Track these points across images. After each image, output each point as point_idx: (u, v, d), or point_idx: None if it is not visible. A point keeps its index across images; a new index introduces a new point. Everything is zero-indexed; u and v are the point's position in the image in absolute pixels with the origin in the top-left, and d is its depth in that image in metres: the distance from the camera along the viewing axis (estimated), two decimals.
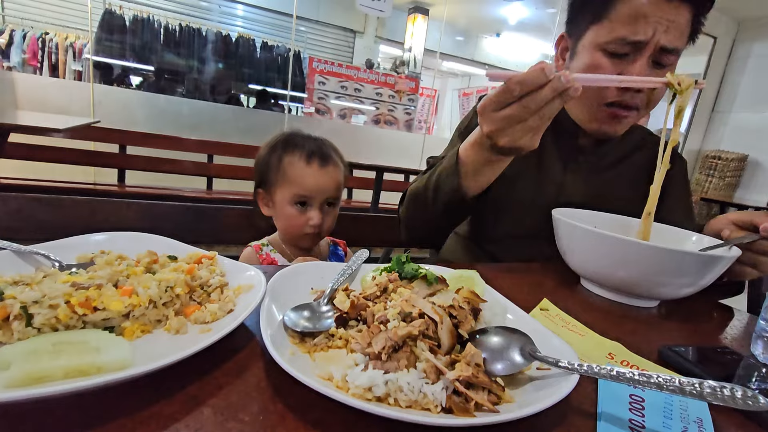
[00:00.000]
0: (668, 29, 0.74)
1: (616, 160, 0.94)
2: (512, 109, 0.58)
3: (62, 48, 5.18)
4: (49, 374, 0.30)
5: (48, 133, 2.19)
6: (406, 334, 0.36)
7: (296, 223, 0.90)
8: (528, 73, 0.56)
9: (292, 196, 0.89)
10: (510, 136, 0.61)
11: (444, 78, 9.92)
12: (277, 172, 0.90)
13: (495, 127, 0.61)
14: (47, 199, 0.87)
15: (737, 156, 5.45)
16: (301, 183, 0.88)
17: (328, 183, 0.90)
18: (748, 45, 5.54)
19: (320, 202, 0.90)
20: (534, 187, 0.92)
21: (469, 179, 0.74)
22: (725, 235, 0.70)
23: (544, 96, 0.56)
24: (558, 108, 0.59)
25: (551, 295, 0.65)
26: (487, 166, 0.72)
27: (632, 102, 0.80)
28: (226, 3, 6.07)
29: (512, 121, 0.59)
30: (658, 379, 0.33)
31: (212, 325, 0.41)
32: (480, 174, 0.74)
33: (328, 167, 0.91)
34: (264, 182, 0.93)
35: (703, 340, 0.61)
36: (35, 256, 0.47)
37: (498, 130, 0.61)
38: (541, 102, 0.57)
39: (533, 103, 0.57)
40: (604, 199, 0.90)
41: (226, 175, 3.11)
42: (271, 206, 0.94)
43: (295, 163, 0.89)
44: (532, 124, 0.59)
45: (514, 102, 0.58)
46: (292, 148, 0.91)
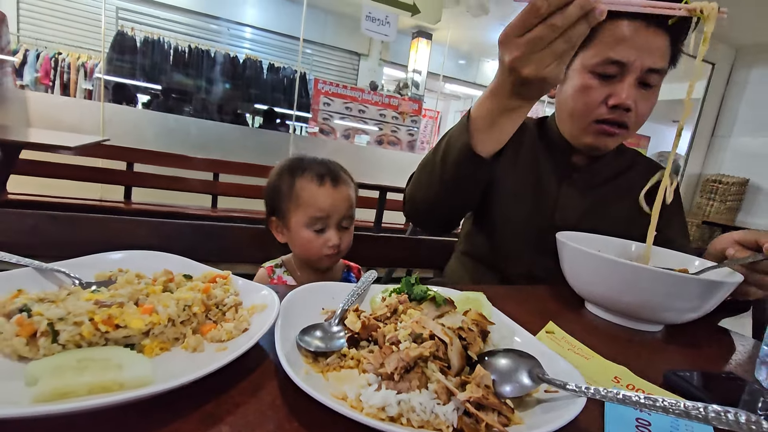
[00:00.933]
0: (650, 52, 0.81)
1: (609, 177, 0.98)
2: (539, 30, 0.54)
3: (74, 68, 5.31)
4: (74, 390, 0.31)
5: (59, 151, 2.23)
6: (418, 355, 0.37)
7: (314, 246, 0.89)
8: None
9: (308, 219, 0.88)
10: (536, 63, 0.57)
11: (446, 100, 10.08)
12: (289, 199, 0.90)
13: (520, 52, 0.56)
14: (61, 216, 0.89)
15: (738, 180, 5.47)
16: (315, 204, 0.88)
17: (342, 202, 0.91)
18: (745, 72, 5.64)
19: (336, 222, 0.90)
20: (531, 203, 0.95)
21: (482, 134, 0.71)
22: (730, 255, 0.71)
23: (571, 13, 0.53)
24: (584, 33, 0.55)
25: (556, 317, 0.65)
26: (504, 116, 0.68)
27: (621, 119, 0.84)
28: (235, 26, 6.25)
29: (539, 44, 0.55)
30: (663, 403, 0.33)
31: (228, 343, 0.42)
32: (495, 126, 0.70)
33: (340, 186, 0.91)
34: (276, 210, 0.92)
35: (708, 365, 0.61)
36: (55, 274, 0.49)
37: (523, 57, 0.57)
38: (569, 20, 0.53)
39: (561, 20, 0.53)
40: (599, 215, 0.94)
41: (231, 193, 3.15)
42: (285, 233, 0.93)
43: (306, 186, 0.89)
44: (558, 48, 0.55)
45: (540, 23, 0.54)
46: (301, 171, 0.90)
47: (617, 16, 0.81)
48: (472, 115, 0.72)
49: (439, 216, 0.89)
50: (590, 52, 0.84)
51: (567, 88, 0.90)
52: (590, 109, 0.85)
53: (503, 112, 0.67)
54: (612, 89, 0.83)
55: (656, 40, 0.81)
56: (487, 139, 0.71)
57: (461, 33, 6.37)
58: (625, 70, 0.82)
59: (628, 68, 0.82)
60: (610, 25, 0.82)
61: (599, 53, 0.82)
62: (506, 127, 0.70)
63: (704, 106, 5.84)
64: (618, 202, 0.96)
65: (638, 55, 0.80)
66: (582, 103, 0.86)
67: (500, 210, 0.96)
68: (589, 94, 0.85)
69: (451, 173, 0.76)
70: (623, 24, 0.81)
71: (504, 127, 0.70)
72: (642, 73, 0.82)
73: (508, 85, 0.62)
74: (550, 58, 0.56)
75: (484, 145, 0.72)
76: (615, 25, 0.82)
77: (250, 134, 4.80)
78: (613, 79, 0.83)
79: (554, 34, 0.54)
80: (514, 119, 0.69)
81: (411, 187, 0.90)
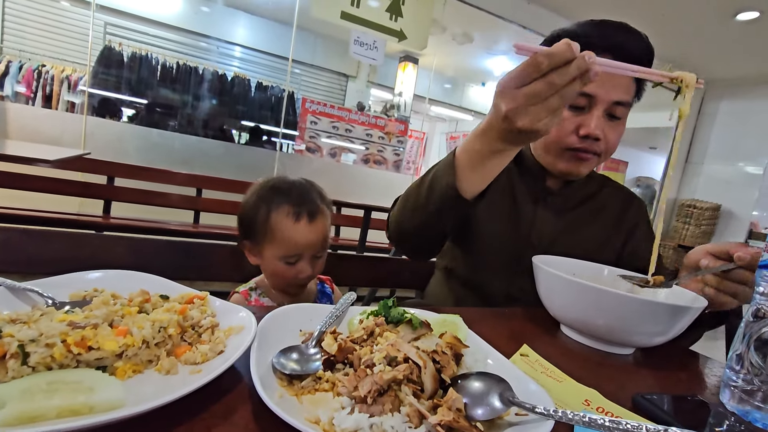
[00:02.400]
0: (616, 86, 0.88)
1: (581, 199, 1.04)
2: (536, 84, 0.56)
3: (57, 80, 5.25)
4: (42, 413, 0.31)
5: (37, 164, 2.19)
6: (391, 378, 0.38)
7: (287, 276, 0.89)
8: (556, 47, 0.54)
9: (282, 255, 0.88)
10: (530, 116, 0.58)
11: (432, 122, 10.27)
12: (264, 230, 0.88)
13: (516, 104, 0.58)
14: (35, 231, 0.87)
15: (711, 205, 5.67)
16: (290, 242, 0.87)
17: (317, 238, 0.90)
18: (715, 103, 5.94)
19: (311, 256, 0.90)
20: (509, 222, 0.99)
21: (467, 175, 0.72)
22: (703, 265, 0.73)
23: (570, 72, 0.54)
24: (577, 90, 0.57)
25: (532, 340, 0.67)
26: (490, 158, 0.69)
27: (591, 148, 0.90)
28: (225, 45, 6.30)
29: (535, 98, 0.57)
30: (627, 426, 0.35)
31: (202, 366, 0.42)
32: (480, 167, 0.71)
33: (316, 222, 0.89)
34: (250, 235, 0.91)
35: (677, 388, 0.63)
36: (28, 293, 0.48)
37: (518, 109, 0.58)
38: (566, 78, 0.55)
39: (559, 78, 0.55)
40: (573, 236, 0.99)
41: (214, 210, 3.12)
42: (258, 257, 0.92)
43: (282, 222, 0.87)
44: (553, 104, 0.57)
45: (538, 78, 0.56)
46: (278, 202, 0.88)
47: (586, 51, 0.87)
48: (458, 153, 0.73)
49: (420, 244, 0.91)
50: None
51: None
52: (562, 138, 0.91)
53: (490, 153, 0.68)
54: (582, 120, 0.89)
55: (621, 76, 0.86)
56: (472, 179, 0.72)
57: (447, 59, 6.57)
58: (594, 102, 0.88)
59: (596, 101, 0.88)
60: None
61: None
62: (492, 169, 0.71)
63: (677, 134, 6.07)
64: (591, 223, 1.02)
65: (605, 89, 0.87)
66: (555, 131, 0.91)
67: (479, 231, 0.99)
68: (561, 125, 0.90)
69: (434, 209, 0.77)
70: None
71: (489, 168, 0.71)
72: (609, 106, 0.88)
73: (499, 131, 0.63)
74: (545, 113, 0.58)
75: (469, 184, 0.73)
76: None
77: (235, 150, 4.79)
78: (583, 111, 0.89)
79: (551, 91, 0.56)
80: (500, 161, 0.70)
81: (395, 215, 0.90)
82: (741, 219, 5.56)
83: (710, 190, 5.89)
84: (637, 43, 0.88)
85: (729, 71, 5.42)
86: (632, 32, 0.89)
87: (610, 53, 0.85)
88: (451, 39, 5.58)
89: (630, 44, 0.87)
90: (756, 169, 5.42)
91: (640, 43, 0.88)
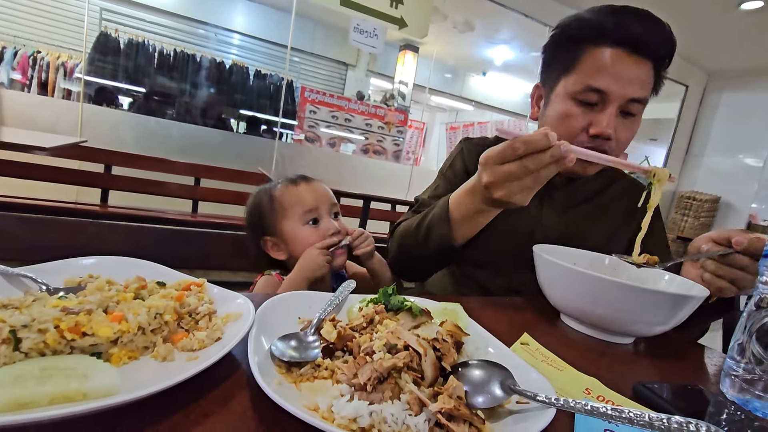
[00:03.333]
0: (632, 81, 0.81)
1: (588, 196, 1.01)
2: (513, 166, 0.62)
3: (53, 67, 5.18)
4: (34, 400, 0.30)
5: (33, 151, 2.17)
6: (391, 365, 0.37)
7: (315, 240, 0.88)
8: (533, 135, 0.61)
9: (300, 217, 0.89)
10: (506, 191, 0.65)
11: (432, 112, 10.21)
12: (274, 211, 0.90)
13: (494, 179, 0.65)
14: (32, 219, 0.86)
15: (710, 197, 5.68)
16: (301, 201, 0.89)
17: (324, 193, 0.93)
18: (717, 95, 5.90)
19: (327, 212, 0.91)
20: (514, 217, 0.95)
21: (458, 227, 0.78)
22: (703, 250, 0.73)
23: (543, 159, 0.61)
24: (552, 173, 0.63)
25: (532, 329, 0.66)
26: (478, 214, 0.76)
27: (601, 148, 0.84)
28: (223, 32, 6.21)
29: (511, 177, 0.63)
30: (629, 414, 0.34)
31: (199, 353, 0.41)
32: (469, 222, 0.77)
33: (314, 183, 0.94)
34: (266, 229, 0.92)
35: (677, 377, 0.63)
36: (22, 279, 0.47)
37: (496, 183, 0.65)
38: (540, 164, 0.61)
39: (533, 164, 0.61)
40: (578, 233, 0.96)
41: (212, 199, 3.10)
42: (283, 246, 0.91)
43: (285, 192, 0.91)
44: (528, 183, 0.64)
45: (515, 160, 0.62)
46: (274, 185, 0.93)
47: (600, 42, 0.82)
48: (451, 207, 0.78)
49: (424, 274, 1.00)
50: (572, 79, 0.85)
51: (549, 112, 0.91)
52: (571, 136, 0.86)
53: (476, 212, 0.75)
54: (593, 117, 0.84)
55: (639, 69, 0.81)
56: (463, 230, 0.79)
57: (447, 47, 6.50)
58: (607, 98, 0.82)
59: (609, 97, 0.82)
60: (593, 52, 0.83)
61: (581, 80, 0.83)
62: (477, 224, 0.78)
63: (679, 126, 6.07)
64: (597, 221, 0.99)
65: (620, 85, 0.81)
66: (563, 129, 0.86)
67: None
68: (570, 122, 0.86)
69: (432, 253, 0.84)
70: (605, 52, 0.82)
71: (476, 222, 0.78)
72: (624, 103, 0.83)
73: (481, 196, 0.70)
74: (518, 189, 0.64)
75: (461, 235, 0.80)
76: (598, 52, 0.83)
77: (233, 140, 4.75)
78: (595, 108, 0.84)
79: (526, 173, 0.62)
80: (483, 219, 0.77)
81: (395, 255, 0.95)
82: (740, 211, 5.57)
83: (710, 182, 5.89)
84: (656, 35, 0.82)
85: (732, 62, 5.38)
86: (653, 22, 0.82)
87: (626, 46, 0.81)
88: (452, 27, 5.52)
89: (648, 36, 0.81)
90: (756, 161, 5.41)
91: (661, 36, 0.82)
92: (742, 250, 0.67)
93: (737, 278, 0.70)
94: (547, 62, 0.94)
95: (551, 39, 0.92)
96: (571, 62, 0.86)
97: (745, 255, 0.68)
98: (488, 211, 0.75)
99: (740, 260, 0.69)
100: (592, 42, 0.84)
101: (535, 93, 1.00)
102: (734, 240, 0.68)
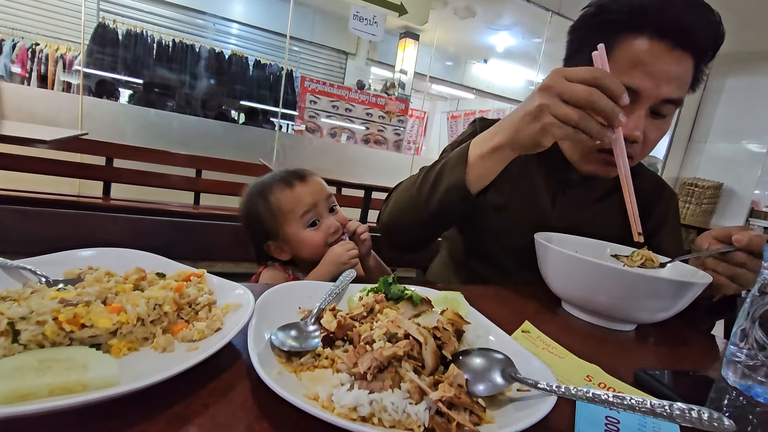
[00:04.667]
0: (669, 80, 0.72)
1: (603, 194, 0.95)
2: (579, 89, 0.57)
3: (52, 59, 5.15)
4: (34, 391, 0.30)
5: (33, 144, 2.16)
6: (392, 354, 0.37)
7: (319, 240, 0.88)
8: (617, 80, 0.57)
9: (300, 220, 0.87)
10: (550, 120, 0.59)
11: (433, 101, 10.12)
12: (273, 216, 0.89)
13: (550, 102, 0.59)
14: (32, 211, 0.86)
15: (713, 184, 5.64)
16: (300, 203, 0.88)
17: (320, 189, 0.91)
18: (721, 79, 5.81)
19: (326, 209, 0.90)
20: (524, 214, 0.92)
21: (474, 168, 0.72)
22: (705, 248, 0.72)
23: (604, 105, 0.57)
24: (593, 135, 0.59)
25: (533, 317, 0.66)
26: (496, 152, 0.69)
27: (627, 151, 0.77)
28: (221, 21, 6.15)
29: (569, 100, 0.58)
30: (631, 401, 0.34)
31: (199, 343, 0.41)
32: (485, 160, 0.71)
33: (308, 179, 0.91)
34: (268, 233, 0.91)
35: (678, 363, 0.63)
36: (21, 271, 0.47)
37: (550, 106, 0.59)
38: (599, 103, 0.57)
39: (598, 101, 0.57)
40: (590, 231, 0.89)
41: (214, 191, 3.10)
42: (287, 249, 0.91)
43: (282, 196, 0.88)
44: (573, 121, 0.58)
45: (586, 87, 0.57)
46: (268, 190, 0.90)
47: (639, 31, 0.73)
48: (472, 145, 0.72)
49: (413, 239, 0.89)
50: None
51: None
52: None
53: (496, 147, 0.69)
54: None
55: (679, 66, 0.72)
56: (478, 169, 0.72)
57: (448, 34, 6.41)
58: (638, 98, 0.74)
59: (642, 97, 0.74)
60: (630, 43, 0.73)
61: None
62: (494, 165, 0.71)
63: (682, 112, 6.00)
64: (611, 220, 0.92)
65: (655, 84, 0.72)
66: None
67: (489, 220, 0.92)
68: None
69: (435, 209, 0.76)
70: (643, 44, 0.72)
71: (493, 162, 0.71)
72: (656, 103, 0.75)
73: (519, 122, 0.64)
74: (560, 124, 0.59)
75: (476, 173, 0.72)
76: (633, 43, 0.73)
77: (234, 131, 4.73)
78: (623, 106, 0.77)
79: (586, 105, 0.57)
80: (501, 161, 0.71)
81: (389, 217, 0.88)
82: (742, 198, 5.53)
83: (712, 168, 5.84)
84: (706, 27, 0.72)
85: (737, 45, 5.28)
86: (702, 9, 0.72)
87: (669, 38, 0.71)
88: (452, 13, 5.44)
89: (696, 28, 0.71)
90: (759, 147, 5.35)
91: (710, 28, 0.73)
92: (743, 247, 0.67)
93: (736, 275, 0.69)
94: (575, 46, 0.83)
95: (582, 20, 0.81)
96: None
97: (746, 252, 0.67)
98: (506, 154, 0.68)
99: (740, 257, 0.68)
100: (629, 30, 0.73)
101: None
102: (734, 237, 0.67)
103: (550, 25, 4.86)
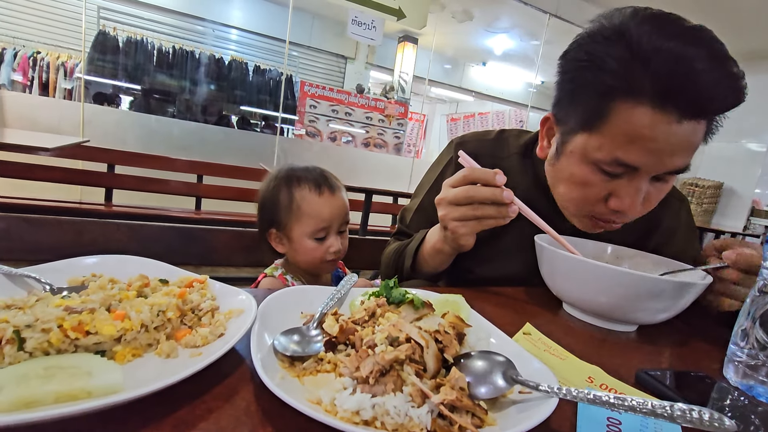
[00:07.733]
0: (675, 153, 0.61)
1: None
2: (459, 191, 0.66)
3: (53, 67, 5.19)
4: (39, 399, 0.30)
5: (36, 152, 2.18)
6: (393, 358, 0.37)
7: (317, 254, 0.91)
8: (484, 169, 0.66)
9: (312, 231, 0.89)
10: (452, 223, 0.69)
11: (432, 104, 10.15)
12: (290, 211, 0.90)
13: (446, 212, 0.69)
14: (35, 219, 0.87)
15: (713, 184, 5.64)
16: (319, 216, 0.89)
17: (341, 209, 0.93)
18: None
19: (336, 229, 0.92)
20: (519, 238, 0.86)
21: (424, 262, 0.83)
22: (709, 258, 0.72)
23: (482, 193, 0.65)
24: (493, 217, 0.66)
25: (534, 319, 0.66)
26: (439, 253, 0.79)
27: (620, 220, 0.72)
28: (221, 27, 6.19)
29: (455, 202, 0.67)
30: (632, 402, 0.34)
31: (203, 349, 0.41)
32: (432, 258, 0.81)
33: (337, 193, 0.93)
34: (276, 222, 0.92)
35: (680, 364, 0.63)
36: (26, 279, 0.48)
37: (447, 215, 0.69)
38: (479, 197, 0.65)
39: (475, 193, 0.65)
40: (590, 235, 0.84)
41: (215, 196, 3.11)
42: (286, 244, 0.93)
43: (307, 197, 0.90)
44: (467, 214, 0.67)
45: (463, 186, 0.66)
46: (297, 182, 0.91)
47: (636, 96, 0.58)
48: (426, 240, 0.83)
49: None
50: (596, 141, 0.64)
51: (563, 167, 0.72)
52: (586, 204, 0.71)
53: (438, 250, 0.78)
54: (616, 187, 0.67)
55: (688, 136, 0.60)
56: (428, 265, 0.83)
57: (446, 38, 6.44)
58: (637, 172, 0.64)
59: (641, 171, 0.64)
60: (625, 109, 0.59)
61: (606, 149, 0.63)
62: (438, 261, 0.81)
63: None
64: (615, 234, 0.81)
65: (657, 159, 0.61)
66: (578, 194, 0.71)
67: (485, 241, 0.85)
68: (586, 189, 0.69)
69: (412, 275, 0.88)
70: (643, 116, 0.58)
71: (438, 260, 0.81)
72: (659, 174, 0.65)
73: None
74: (461, 222, 0.68)
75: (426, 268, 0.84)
76: (632, 113, 0.59)
77: (235, 136, 4.75)
78: (621, 177, 0.66)
79: (468, 201, 0.66)
80: (444, 258, 0.80)
81: (383, 272, 0.96)
82: (743, 197, 5.53)
83: (713, 168, 5.84)
84: (726, 88, 0.57)
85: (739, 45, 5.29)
86: (722, 65, 0.56)
87: (678, 108, 0.57)
88: (450, 17, 5.47)
89: (715, 91, 0.56)
90: (759, 147, 5.36)
91: (733, 86, 0.57)
92: (731, 264, 0.66)
93: (727, 292, 0.68)
94: (564, 99, 0.70)
95: (574, 64, 0.66)
96: (595, 116, 0.63)
97: (736, 269, 0.67)
98: (447, 253, 0.78)
99: (730, 274, 0.67)
100: (626, 95, 0.59)
101: (545, 125, 0.77)
102: (724, 255, 0.67)
103: (548, 27, 4.88)
